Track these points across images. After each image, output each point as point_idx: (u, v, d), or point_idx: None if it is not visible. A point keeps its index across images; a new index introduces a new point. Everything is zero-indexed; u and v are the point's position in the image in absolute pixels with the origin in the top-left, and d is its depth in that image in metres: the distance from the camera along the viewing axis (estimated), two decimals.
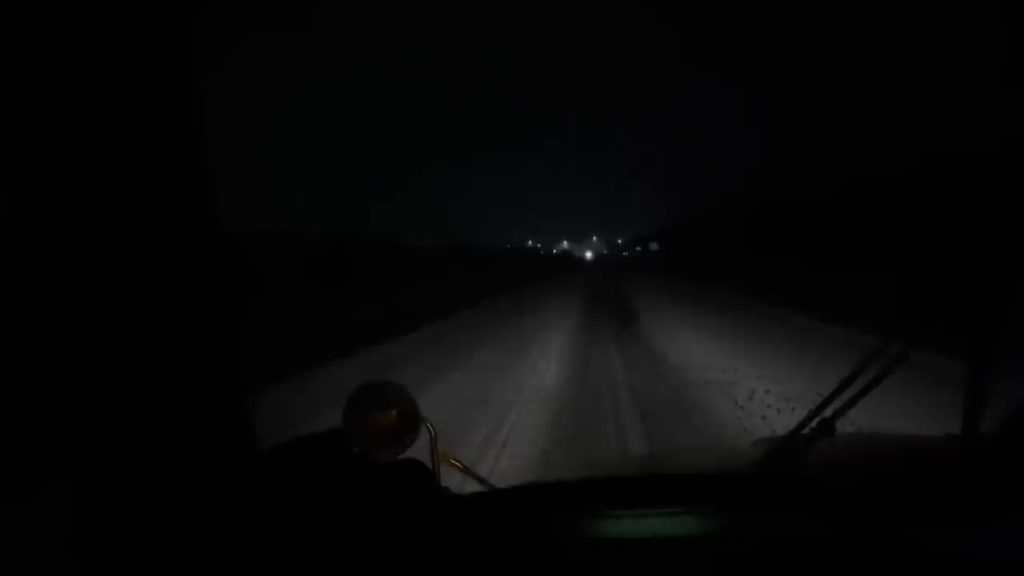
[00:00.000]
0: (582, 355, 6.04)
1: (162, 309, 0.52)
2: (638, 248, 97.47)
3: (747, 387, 4.34)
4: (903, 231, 11.29)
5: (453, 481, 0.87)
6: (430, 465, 0.80)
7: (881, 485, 0.62)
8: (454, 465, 0.84)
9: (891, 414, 2.65)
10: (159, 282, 0.53)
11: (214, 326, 0.58)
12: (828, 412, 0.67)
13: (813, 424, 0.67)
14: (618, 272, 30.22)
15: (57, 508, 0.50)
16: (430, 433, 0.85)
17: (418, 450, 0.79)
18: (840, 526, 0.55)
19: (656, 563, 0.53)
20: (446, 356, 6.15)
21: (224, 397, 0.60)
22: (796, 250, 16.31)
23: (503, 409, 3.99)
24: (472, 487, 0.87)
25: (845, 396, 0.67)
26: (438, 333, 8.12)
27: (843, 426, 0.70)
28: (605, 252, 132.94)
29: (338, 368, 5.61)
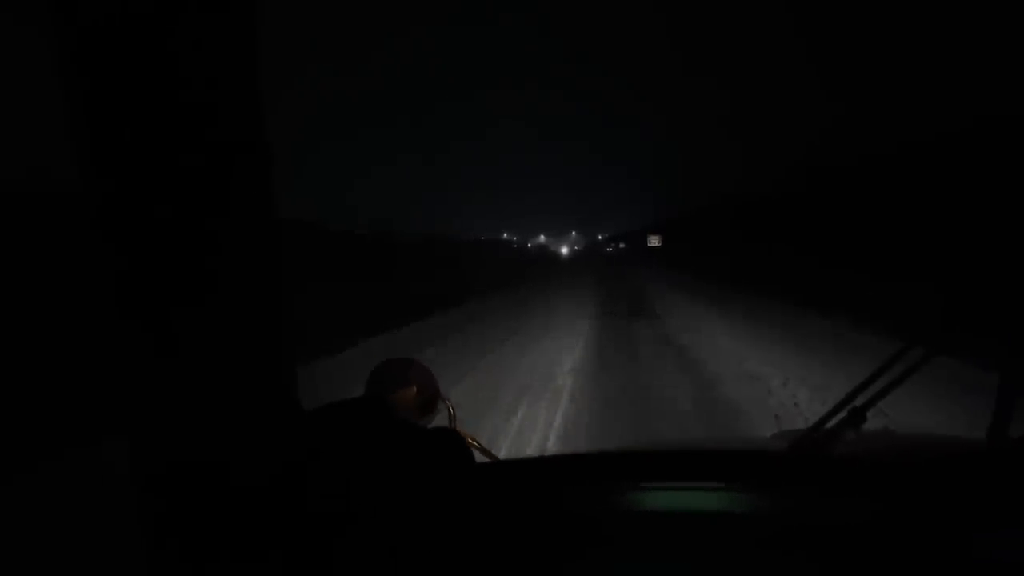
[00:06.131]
0: None
1: (219, 290, 0.58)
2: (622, 245, 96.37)
3: None
4: (938, 232, 11.45)
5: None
6: None
7: (910, 475, 0.65)
8: (471, 444, 0.93)
9: None
10: (215, 265, 0.58)
11: (264, 304, 0.63)
12: (859, 402, 0.70)
13: (844, 413, 0.71)
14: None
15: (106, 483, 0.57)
16: (449, 412, 0.94)
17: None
18: (868, 511, 0.58)
19: (686, 537, 0.57)
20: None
21: (271, 367, 0.65)
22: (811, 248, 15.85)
23: None
24: None
25: (877, 387, 0.70)
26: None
27: (873, 423, 0.73)
28: (577, 248, 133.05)
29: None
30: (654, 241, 55.86)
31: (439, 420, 0.93)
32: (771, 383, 4.86)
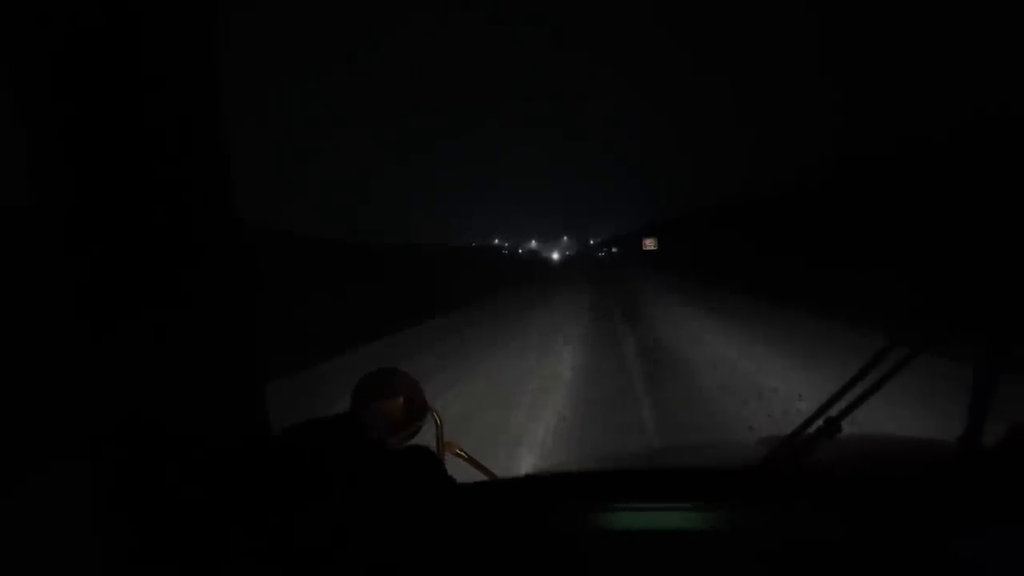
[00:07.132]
0: None
1: (183, 302, 0.57)
2: (614, 250, 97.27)
3: None
4: (915, 227, 11.56)
5: (457, 471, 0.95)
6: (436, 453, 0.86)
7: (886, 485, 0.65)
8: (459, 455, 0.92)
9: None
10: (180, 274, 0.57)
11: (233, 318, 0.63)
12: (834, 412, 0.70)
13: (819, 422, 0.71)
14: None
15: (73, 495, 0.55)
16: (436, 422, 0.92)
17: (424, 441, 0.87)
18: (845, 524, 0.58)
19: (661, 557, 0.57)
20: None
21: (240, 385, 0.64)
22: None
23: None
24: (475, 477, 0.95)
25: (852, 395, 0.70)
26: None
27: (849, 427, 0.72)
28: (569, 254, 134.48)
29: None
30: (649, 244, 49.94)
31: (427, 429, 0.92)
32: None
